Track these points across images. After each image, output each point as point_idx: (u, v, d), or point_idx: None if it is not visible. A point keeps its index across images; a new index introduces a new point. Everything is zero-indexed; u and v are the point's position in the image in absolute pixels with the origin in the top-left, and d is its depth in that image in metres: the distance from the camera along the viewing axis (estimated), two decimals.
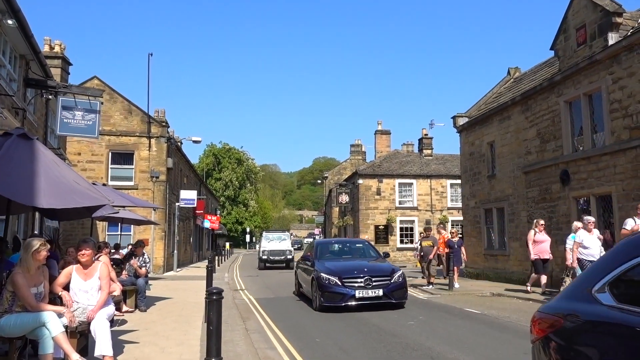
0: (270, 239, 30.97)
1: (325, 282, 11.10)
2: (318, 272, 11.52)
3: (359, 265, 12.02)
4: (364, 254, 13.60)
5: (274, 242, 30.46)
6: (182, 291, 15.64)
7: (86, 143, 24.02)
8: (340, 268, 11.59)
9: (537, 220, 13.05)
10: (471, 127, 19.93)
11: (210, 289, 5.16)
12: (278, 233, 32.66)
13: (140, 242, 11.71)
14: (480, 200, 19.15)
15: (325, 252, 13.57)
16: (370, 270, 11.46)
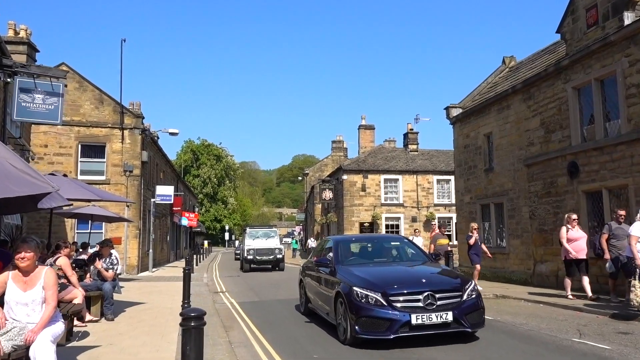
0: (255, 235, 27.02)
1: (360, 302, 7.19)
2: (347, 284, 7.68)
3: (409, 273, 8.24)
4: (404, 256, 9.63)
5: (260, 240, 26.57)
6: (156, 294, 14.22)
7: (54, 135, 22.35)
8: (382, 278, 7.67)
9: (569, 215, 11.24)
10: (466, 118, 18.87)
11: (187, 312, 3.64)
12: (264, 229, 28.72)
13: (106, 242, 10.28)
14: (476, 195, 18.11)
15: (350, 254, 9.51)
16: (430, 281, 7.62)
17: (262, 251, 25.77)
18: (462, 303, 7.29)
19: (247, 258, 25.73)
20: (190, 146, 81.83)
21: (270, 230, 28.26)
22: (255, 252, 25.63)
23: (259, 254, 25.68)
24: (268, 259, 25.87)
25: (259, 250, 25.76)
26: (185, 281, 8.11)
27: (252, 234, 27.14)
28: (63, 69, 22.86)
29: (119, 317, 9.85)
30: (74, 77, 22.88)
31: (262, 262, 25.86)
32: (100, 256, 10.01)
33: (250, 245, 26.02)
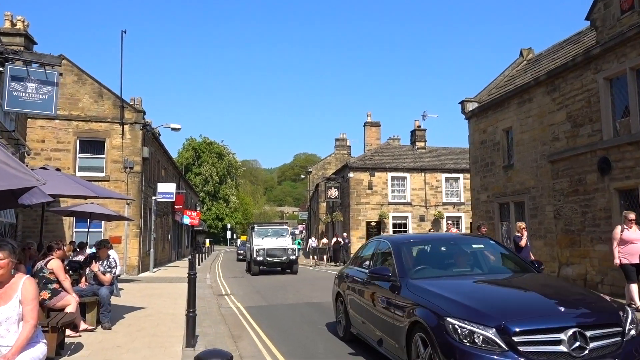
0: (264, 234, 24.03)
1: (462, 342, 4.46)
2: (431, 311, 4.95)
3: (533, 295, 5.36)
4: (498, 265, 6.68)
5: (270, 239, 23.57)
6: (158, 298, 13.36)
7: (51, 129, 21.49)
8: (490, 303, 4.92)
9: (626, 214, 9.85)
10: (482, 112, 17.98)
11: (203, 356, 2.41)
12: (274, 227, 25.93)
13: (104, 242, 9.39)
14: (494, 193, 17.23)
15: (418, 262, 6.60)
16: (571, 308, 4.80)
17: (274, 252, 22.73)
18: (625, 345, 4.44)
19: (256, 259, 22.55)
20: (192, 144, 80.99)
21: (281, 228, 25.35)
22: (265, 252, 22.53)
23: (270, 254, 22.63)
24: (280, 260, 22.80)
25: (270, 250, 22.67)
26: (191, 288, 7.22)
27: (261, 233, 24.14)
28: (62, 62, 22.05)
29: (117, 325, 8.98)
30: (73, 70, 22.05)
31: (274, 264, 22.93)
32: (97, 258, 9.13)
33: (260, 245, 22.87)
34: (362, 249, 8.48)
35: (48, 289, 7.85)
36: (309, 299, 13.78)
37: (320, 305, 12.33)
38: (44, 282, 7.87)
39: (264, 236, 23.79)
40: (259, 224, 26.55)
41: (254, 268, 22.67)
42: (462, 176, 33.73)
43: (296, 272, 23.00)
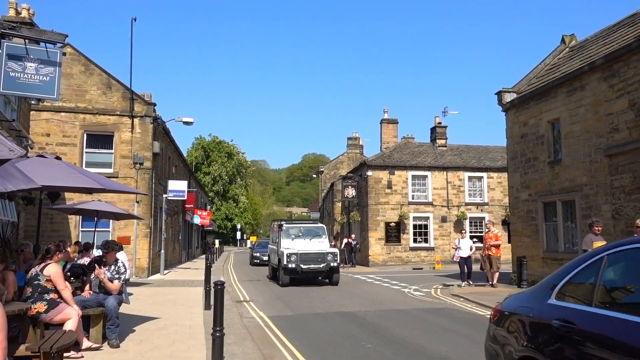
0: (295, 234, 19.11)
1: None
2: None
3: None
4: None
5: (302, 240, 18.72)
6: (171, 305, 11.99)
7: (56, 122, 20.24)
8: None
9: None
10: (523, 103, 16.49)
11: None
12: (308, 224, 20.84)
13: (111, 244, 8.00)
14: (537, 191, 15.73)
15: None
16: None
17: (309, 257, 17.49)
18: None
19: (287, 267, 17.26)
20: (201, 143, 79.75)
21: (317, 227, 20.05)
22: (299, 258, 17.31)
23: (305, 260, 17.38)
24: (318, 268, 17.46)
25: (305, 255, 17.47)
26: (218, 302, 5.83)
27: (291, 232, 19.18)
28: (68, 50, 20.78)
29: (127, 342, 7.62)
30: (80, 59, 20.81)
31: (310, 273, 17.56)
32: (104, 263, 7.77)
33: (291, 249, 17.80)
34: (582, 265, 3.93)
35: (44, 300, 6.51)
36: (339, 307, 12.38)
37: (355, 316, 10.93)
38: (39, 292, 6.52)
39: (295, 237, 18.90)
40: (288, 221, 21.27)
41: (284, 278, 17.44)
42: (486, 175, 32.24)
43: (337, 283, 17.84)
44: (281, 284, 17.63)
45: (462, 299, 13.46)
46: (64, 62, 20.99)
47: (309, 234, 19.10)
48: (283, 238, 18.73)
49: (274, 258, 19.87)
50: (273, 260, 20.08)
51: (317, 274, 17.82)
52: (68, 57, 20.76)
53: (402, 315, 10.91)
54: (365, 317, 10.80)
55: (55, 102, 20.42)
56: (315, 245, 18.39)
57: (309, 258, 17.44)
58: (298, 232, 19.24)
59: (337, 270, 17.77)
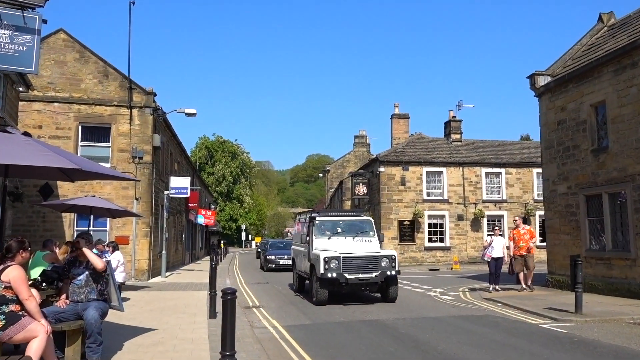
0: (332, 230, 13.75)
1: None
2: None
3: None
4: None
5: (343, 239, 13.47)
6: (171, 313, 10.46)
7: (49, 114, 18.78)
8: None
9: None
10: (560, 86, 14.93)
11: None
12: (348, 217, 14.78)
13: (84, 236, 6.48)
14: (577, 183, 14.16)
15: None
16: None
17: (357, 262, 12.28)
18: None
19: (325, 277, 12.00)
20: (205, 143, 78.39)
21: (361, 220, 14.39)
22: (342, 264, 12.13)
23: (351, 267, 12.18)
24: (368, 278, 12.15)
25: (351, 260, 12.25)
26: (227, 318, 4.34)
27: (327, 227, 13.75)
28: (61, 36, 19.39)
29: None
30: (74, 46, 19.35)
31: (359, 285, 12.37)
32: (79, 262, 6.29)
33: (330, 251, 12.56)
34: None
35: (1, 314, 5.00)
36: (362, 314, 10.85)
37: (384, 325, 9.39)
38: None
39: (332, 234, 13.56)
40: (323, 213, 15.21)
41: (320, 293, 12.11)
42: (504, 171, 30.62)
43: (395, 299, 12.67)
44: (316, 301, 12.19)
45: (500, 304, 11.90)
46: (57, 49, 19.67)
47: (351, 230, 13.76)
48: (316, 236, 13.40)
49: (301, 263, 14.70)
50: (300, 266, 14.87)
51: (370, 286, 12.46)
52: (62, 44, 19.37)
53: (440, 325, 9.36)
54: (397, 326, 9.27)
55: (48, 92, 19.06)
56: (363, 246, 13.03)
57: (356, 264, 12.14)
58: (336, 227, 13.78)
59: (395, 281, 12.50)
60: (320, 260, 12.10)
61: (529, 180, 30.73)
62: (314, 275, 12.65)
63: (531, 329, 8.91)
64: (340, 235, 13.56)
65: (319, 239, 13.39)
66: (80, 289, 6.26)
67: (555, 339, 7.97)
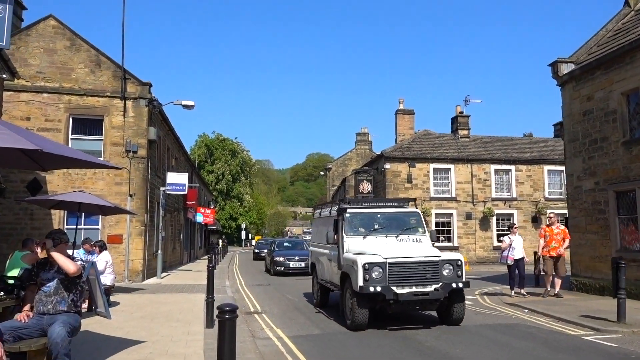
0: (367, 226, 10.34)
1: None
2: None
3: None
4: None
5: (384, 240, 9.91)
6: (163, 321, 9.35)
7: (38, 105, 17.69)
8: None
9: None
10: (586, 74, 13.84)
11: None
12: (390, 209, 10.91)
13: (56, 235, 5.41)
14: (606, 178, 13.07)
15: None
16: None
17: (409, 270, 8.87)
18: None
19: (366, 291, 8.60)
20: (205, 140, 77.28)
21: (406, 213, 10.92)
22: (389, 273, 8.76)
23: (401, 278, 8.82)
24: (426, 292, 8.76)
25: (401, 268, 8.85)
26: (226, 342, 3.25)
27: (361, 222, 10.43)
28: (51, 23, 18.27)
29: None
30: (65, 33, 18.24)
31: (414, 303, 8.92)
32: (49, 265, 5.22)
33: (369, 254, 9.06)
34: None
35: None
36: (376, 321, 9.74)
37: (404, 336, 8.28)
38: None
39: (369, 231, 10.18)
40: (355, 204, 11.20)
41: (359, 313, 8.75)
42: (514, 168, 29.52)
43: (460, 320, 9.28)
44: (352, 324, 8.81)
45: (527, 311, 10.80)
46: (46, 36, 18.49)
47: (393, 226, 10.35)
48: (347, 234, 9.97)
49: (325, 270, 11.31)
50: (324, 274, 11.45)
51: (424, 305, 9.07)
52: (51, 31, 18.26)
53: (468, 336, 8.26)
54: (418, 337, 8.18)
55: (37, 82, 17.95)
56: (411, 248, 9.41)
57: (408, 273, 8.76)
58: (373, 222, 10.35)
59: (462, 296, 9.16)
60: (357, 268, 8.63)
61: (540, 177, 29.65)
62: (346, 288, 9.24)
63: (574, 342, 7.81)
64: (379, 233, 10.04)
65: (352, 239, 9.89)
66: (47, 298, 5.19)
67: (607, 356, 6.88)
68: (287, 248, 24.54)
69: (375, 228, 10.24)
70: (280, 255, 22.60)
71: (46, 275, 5.34)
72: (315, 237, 13.19)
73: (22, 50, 17.73)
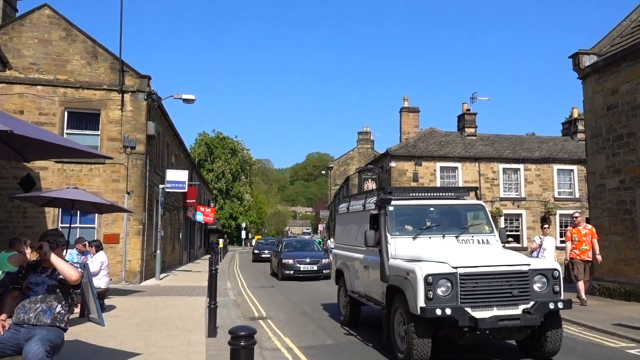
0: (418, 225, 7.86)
1: None
2: None
3: None
4: None
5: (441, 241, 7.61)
6: (162, 328, 8.59)
7: (31, 98, 16.91)
8: None
9: None
10: (611, 66, 13.09)
11: None
12: (445, 201, 8.46)
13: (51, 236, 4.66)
14: (633, 176, 12.32)
15: None
16: None
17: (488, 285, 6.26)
18: None
19: (429, 314, 5.97)
20: (205, 139, 76.49)
21: (467, 206, 8.48)
22: (461, 288, 6.19)
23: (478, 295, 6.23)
24: (515, 316, 6.17)
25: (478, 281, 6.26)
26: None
27: (410, 218, 8.06)
28: (46, 12, 17.49)
29: None
30: (60, 23, 17.47)
31: (498, 332, 6.26)
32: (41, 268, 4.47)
33: (431, 262, 6.50)
34: None
35: None
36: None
37: None
38: None
39: (421, 229, 7.78)
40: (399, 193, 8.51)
41: (419, 345, 6.20)
42: (523, 167, 28.81)
43: (555, 352, 6.79)
44: (405, 358, 6.41)
45: None
46: (41, 26, 17.58)
47: (451, 223, 8.09)
48: (392, 234, 7.62)
49: (357, 280, 9.01)
50: (355, 284, 9.15)
51: (512, 334, 6.59)
52: (46, 21, 17.49)
53: (498, 347, 7.50)
54: None
55: (31, 74, 17.15)
56: (484, 253, 6.97)
57: (487, 289, 6.29)
58: (424, 218, 8.06)
59: (559, 321, 6.80)
60: (416, 282, 6.14)
61: (549, 177, 28.92)
62: (395, 308, 6.83)
63: (617, 355, 7.05)
64: (434, 233, 7.72)
65: (399, 240, 7.50)
66: (32, 305, 4.44)
67: None
68: (297, 249, 22.15)
69: (428, 226, 7.84)
70: (289, 257, 20.16)
71: (36, 279, 4.60)
72: (341, 237, 10.56)
73: (15, 40, 16.96)
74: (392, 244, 7.45)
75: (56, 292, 4.55)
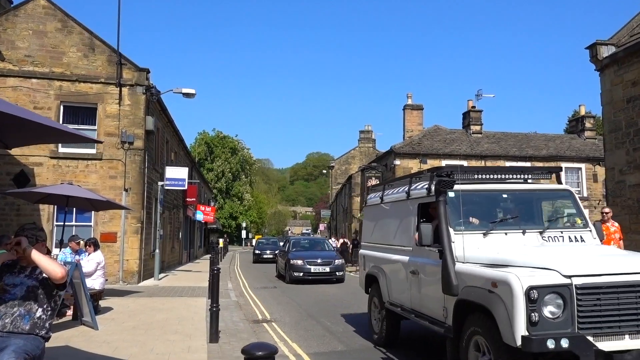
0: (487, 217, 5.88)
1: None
2: None
3: None
4: None
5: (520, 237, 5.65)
6: (159, 333, 7.98)
7: (26, 91, 16.32)
8: None
9: None
10: (631, 56, 12.49)
11: None
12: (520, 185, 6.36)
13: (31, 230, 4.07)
14: None
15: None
16: None
17: (617, 299, 4.24)
18: None
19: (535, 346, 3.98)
20: (205, 138, 75.91)
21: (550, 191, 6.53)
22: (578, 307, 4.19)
23: (605, 320, 4.22)
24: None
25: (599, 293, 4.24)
26: None
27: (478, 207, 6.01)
28: (41, 2, 16.91)
29: None
30: (55, 14, 16.87)
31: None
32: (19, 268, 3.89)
33: (527, 270, 4.43)
34: None
35: None
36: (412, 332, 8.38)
37: None
38: None
39: (493, 222, 5.75)
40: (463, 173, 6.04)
41: None
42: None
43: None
44: None
45: None
46: (36, 17, 16.92)
47: (530, 214, 6.26)
48: (456, 230, 5.56)
49: (398, 289, 7.16)
50: (394, 293, 7.33)
51: None
52: (42, 12, 16.90)
53: None
54: None
55: (25, 66, 16.54)
56: (606, 256, 4.99)
57: (616, 307, 4.29)
58: (495, 207, 6.25)
59: None
60: (514, 298, 4.23)
61: None
62: (472, 333, 4.93)
63: None
64: (510, 227, 5.78)
65: (468, 237, 5.52)
66: (8, 309, 3.83)
67: None
68: (306, 248, 20.41)
69: (503, 218, 5.89)
70: (298, 257, 18.32)
71: (13, 279, 3.99)
72: (372, 234, 8.52)
73: (9, 31, 16.36)
74: (457, 242, 5.43)
75: (37, 294, 3.96)
